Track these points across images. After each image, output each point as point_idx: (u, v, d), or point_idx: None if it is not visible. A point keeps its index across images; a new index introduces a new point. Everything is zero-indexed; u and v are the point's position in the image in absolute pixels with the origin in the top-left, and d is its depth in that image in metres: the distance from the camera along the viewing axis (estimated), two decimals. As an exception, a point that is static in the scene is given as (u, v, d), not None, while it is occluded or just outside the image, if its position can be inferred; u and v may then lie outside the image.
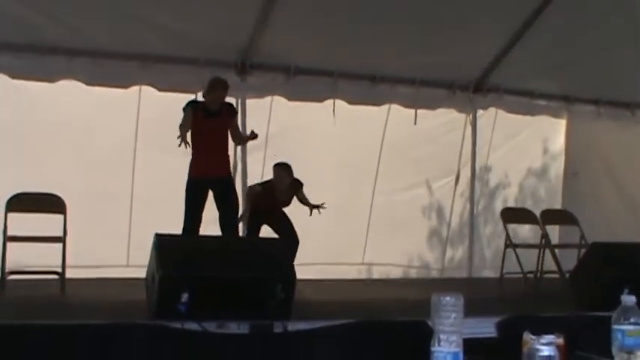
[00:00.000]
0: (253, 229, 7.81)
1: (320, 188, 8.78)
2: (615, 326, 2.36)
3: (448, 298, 2.24)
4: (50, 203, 7.19)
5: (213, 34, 8.07)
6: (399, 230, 9.48)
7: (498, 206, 9.91)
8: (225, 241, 6.64)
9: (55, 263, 6.96)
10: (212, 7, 7.77)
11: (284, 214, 7.88)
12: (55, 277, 6.90)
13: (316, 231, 8.52)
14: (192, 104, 7.29)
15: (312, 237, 8.21)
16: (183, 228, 7.05)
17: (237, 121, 7.71)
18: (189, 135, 6.96)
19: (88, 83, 7.78)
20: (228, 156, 7.47)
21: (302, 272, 6.91)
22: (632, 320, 2.35)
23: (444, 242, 9.94)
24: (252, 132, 7.40)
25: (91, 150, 8.11)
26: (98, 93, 7.91)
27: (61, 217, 7.11)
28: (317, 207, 7.79)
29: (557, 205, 10.26)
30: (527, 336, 2.24)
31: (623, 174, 10.32)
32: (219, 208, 7.21)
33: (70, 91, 7.81)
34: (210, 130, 7.23)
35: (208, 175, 7.19)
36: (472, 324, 4.77)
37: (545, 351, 2.19)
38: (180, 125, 6.99)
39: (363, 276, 9.20)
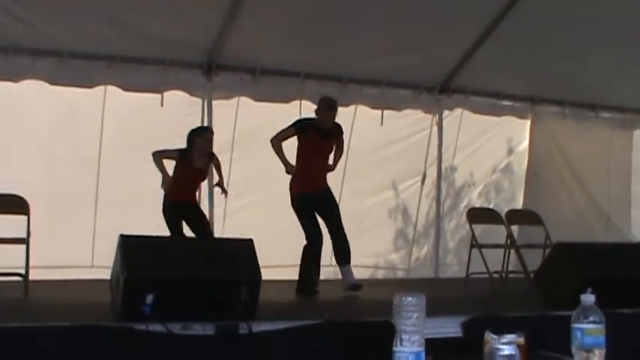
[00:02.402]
0: (176, 225, 7.61)
1: (287, 190, 8.78)
2: (575, 325, 2.38)
3: (410, 299, 2.25)
4: (13, 204, 7.08)
5: (179, 35, 8.05)
6: (366, 231, 9.48)
7: (464, 206, 9.96)
8: (191, 242, 6.62)
9: (19, 264, 6.88)
10: (178, 8, 7.75)
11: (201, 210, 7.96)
12: (19, 279, 6.82)
13: (283, 233, 8.49)
14: (304, 123, 7.43)
15: (280, 239, 8.20)
16: (313, 241, 7.30)
17: (343, 140, 7.70)
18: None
19: (53, 83, 7.75)
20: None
21: (269, 274, 6.93)
22: (591, 319, 2.37)
23: (411, 243, 9.97)
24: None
25: (55, 150, 8.05)
26: (63, 93, 7.86)
27: (24, 218, 7.02)
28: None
29: (518, 205, 10.34)
30: (489, 335, 2.25)
31: (585, 174, 10.43)
32: (325, 219, 7.42)
33: (34, 91, 7.75)
34: (323, 150, 7.47)
35: (315, 191, 7.39)
36: (438, 324, 4.83)
37: (506, 350, 2.20)
38: (276, 139, 7.35)
39: (331, 278, 9.18)
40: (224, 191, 8.04)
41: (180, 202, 7.63)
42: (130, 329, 4.52)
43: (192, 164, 7.66)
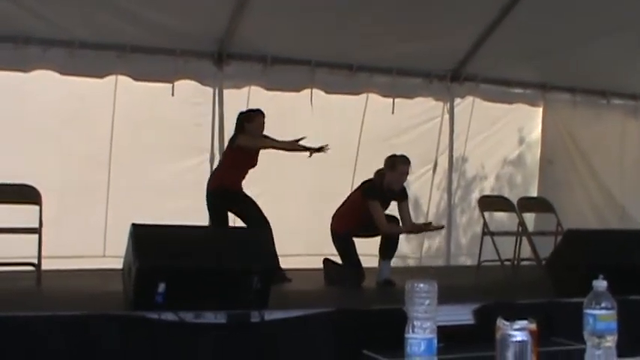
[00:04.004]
0: (223, 217, 7.27)
1: (298, 178, 8.79)
2: (587, 311, 2.36)
3: (422, 285, 2.24)
4: (25, 194, 7.10)
5: (189, 24, 8.04)
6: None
7: (475, 195, 9.93)
8: (203, 231, 6.62)
9: (31, 254, 6.90)
10: (188, -3, 7.75)
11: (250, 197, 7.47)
12: (31, 268, 6.84)
13: (295, 221, 8.51)
14: (375, 192, 7.30)
15: (291, 227, 8.19)
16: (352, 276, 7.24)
17: (407, 204, 7.66)
18: None
19: (63, 73, 7.73)
20: None
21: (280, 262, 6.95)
22: (603, 305, 2.35)
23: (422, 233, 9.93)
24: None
25: (67, 140, 8.06)
26: (74, 83, 7.87)
27: (36, 208, 7.04)
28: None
29: (534, 194, 10.30)
30: (500, 322, 2.24)
31: (597, 163, 10.38)
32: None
33: (45, 82, 7.76)
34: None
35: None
36: (450, 311, 4.85)
37: (518, 336, 2.19)
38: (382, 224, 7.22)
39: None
40: (319, 150, 7.27)
41: (230, 190, 7.17)
42: (143, 318, 4.55)
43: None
